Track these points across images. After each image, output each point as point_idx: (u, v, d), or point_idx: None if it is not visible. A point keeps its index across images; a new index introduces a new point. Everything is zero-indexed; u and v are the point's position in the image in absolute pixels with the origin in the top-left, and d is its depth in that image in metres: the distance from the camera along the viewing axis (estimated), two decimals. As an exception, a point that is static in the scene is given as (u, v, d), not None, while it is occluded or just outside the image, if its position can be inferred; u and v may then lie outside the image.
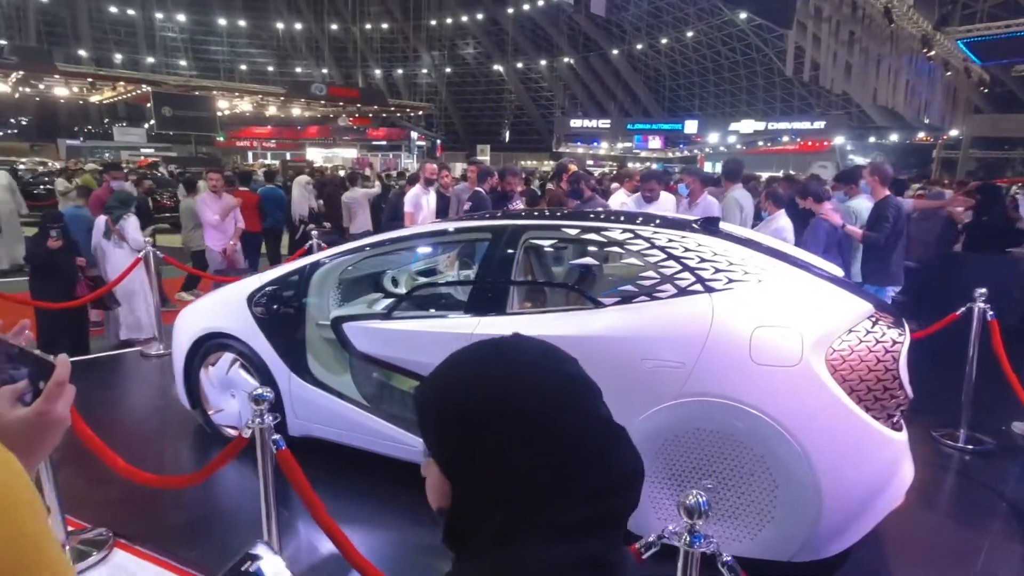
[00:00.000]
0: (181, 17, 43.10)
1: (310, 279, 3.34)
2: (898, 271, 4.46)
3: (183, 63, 43.87)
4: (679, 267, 2.63)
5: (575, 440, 0.64)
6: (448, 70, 49.86)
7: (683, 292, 2.58)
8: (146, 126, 30.22)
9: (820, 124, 27.91)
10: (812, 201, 4.51)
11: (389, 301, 3.36)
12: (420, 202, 5.92)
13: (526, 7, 41.37)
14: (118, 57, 40.65)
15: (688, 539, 1.39)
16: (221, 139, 33.52)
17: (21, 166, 19.31)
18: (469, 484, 0.65)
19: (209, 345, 3.55)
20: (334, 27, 46.67)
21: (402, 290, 3.63)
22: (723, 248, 2.68)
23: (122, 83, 24.02)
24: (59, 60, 24.48)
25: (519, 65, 48.60)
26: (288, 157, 33.59)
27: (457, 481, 0.66)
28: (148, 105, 23.43)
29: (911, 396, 2.56)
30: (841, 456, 2.39)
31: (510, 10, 42.01)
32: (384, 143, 39.13)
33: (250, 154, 38.44)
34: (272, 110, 32.00)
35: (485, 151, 37.28)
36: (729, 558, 1.40)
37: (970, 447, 3.81)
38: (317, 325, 3.35)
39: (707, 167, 26.29)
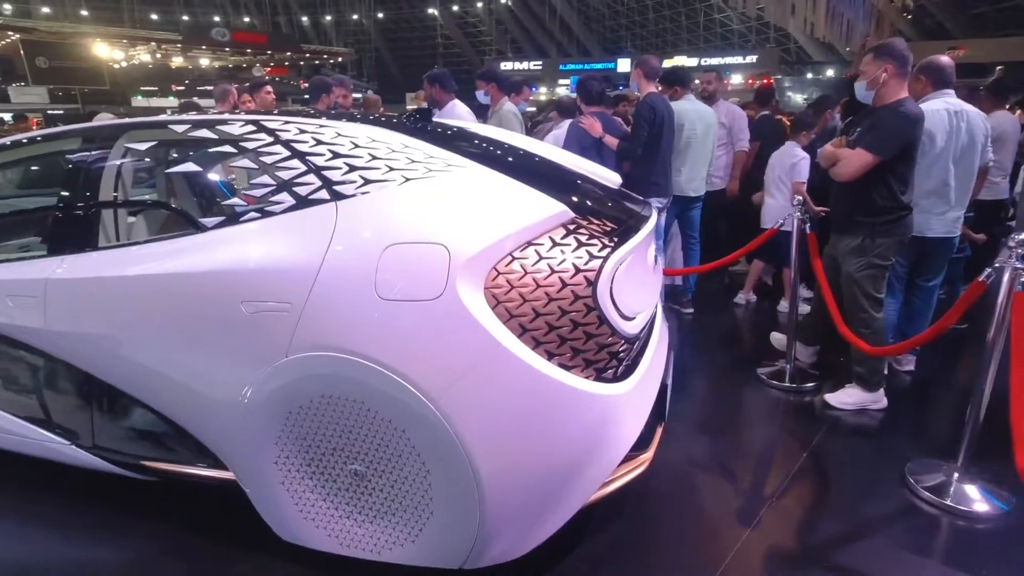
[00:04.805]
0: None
1: None
2: (664, 181, 3.80)
3: (84, 13, 39.88)
4: (302, 168, 1.83)
5: None
6: (380, 15, 47.11)
7: (303, 202, 1.79)
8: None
9: (752, 59, 27.14)
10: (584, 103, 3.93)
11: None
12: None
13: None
14: (7, 7, 36.73)
15: None
16: (139, 97, 30.80)
17: None
18: None
19: None
20: (251, -31, 43.14)
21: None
22: (371, 137, 1.88)
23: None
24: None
25: (455, 8, 46.26)
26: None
27: None
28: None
29: (629, 334, 1.86)
30: (508, 425, 1.68)
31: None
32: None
33: (169, 111, 35.56)
34: (178, 60, 29.40)
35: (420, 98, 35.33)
36: None
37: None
38: None
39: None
